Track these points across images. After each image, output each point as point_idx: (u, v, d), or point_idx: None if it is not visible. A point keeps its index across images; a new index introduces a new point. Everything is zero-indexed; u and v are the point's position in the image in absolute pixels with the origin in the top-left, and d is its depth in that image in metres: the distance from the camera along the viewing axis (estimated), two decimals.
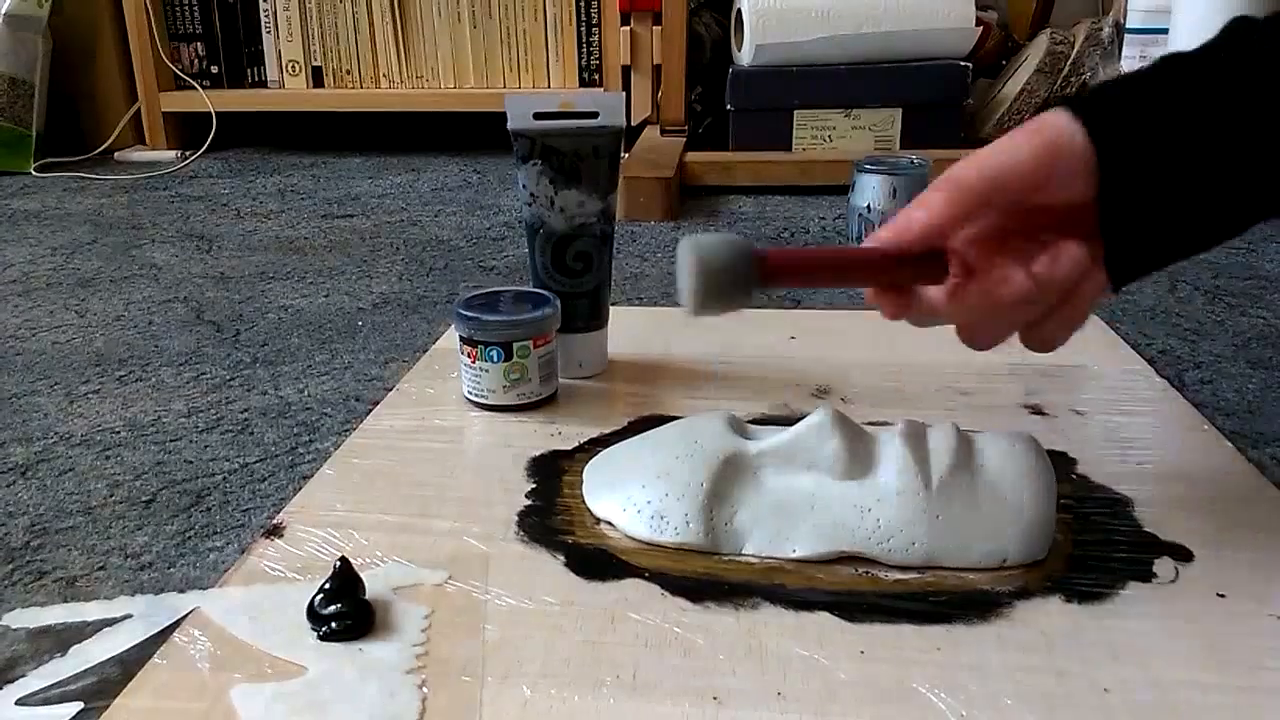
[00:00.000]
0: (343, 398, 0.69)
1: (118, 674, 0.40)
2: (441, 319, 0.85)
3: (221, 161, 1.67)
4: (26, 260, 1.08)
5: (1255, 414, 0.64)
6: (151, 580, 0.48)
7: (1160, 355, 0.74)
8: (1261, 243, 1.05)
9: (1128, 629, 0.42)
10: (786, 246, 0.57)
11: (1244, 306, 0.86)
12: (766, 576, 0.46)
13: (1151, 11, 1.32)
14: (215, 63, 1.73)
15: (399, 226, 1.21)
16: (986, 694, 0.38)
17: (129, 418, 0.67)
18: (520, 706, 0.38)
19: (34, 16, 1.58)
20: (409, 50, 1.69)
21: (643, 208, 1.21)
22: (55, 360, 0.78)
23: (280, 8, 1.70)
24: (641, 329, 0.78)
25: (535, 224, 0.67)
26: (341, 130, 1.89)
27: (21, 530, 0.53)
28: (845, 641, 0.41)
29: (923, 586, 0.45)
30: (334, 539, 0.50)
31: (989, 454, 0.48)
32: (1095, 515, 0.51)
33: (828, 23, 1.30)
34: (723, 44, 1.46)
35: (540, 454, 0.58)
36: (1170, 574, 0.46)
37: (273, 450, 0.62)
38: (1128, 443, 0.58)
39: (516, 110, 0.64)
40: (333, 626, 0.42)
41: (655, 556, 0.48)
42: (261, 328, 0.84)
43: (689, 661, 0.40)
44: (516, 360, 0.63)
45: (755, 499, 0.48)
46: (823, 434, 0.48)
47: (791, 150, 1.36)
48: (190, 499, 0.56)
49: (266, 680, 0.40)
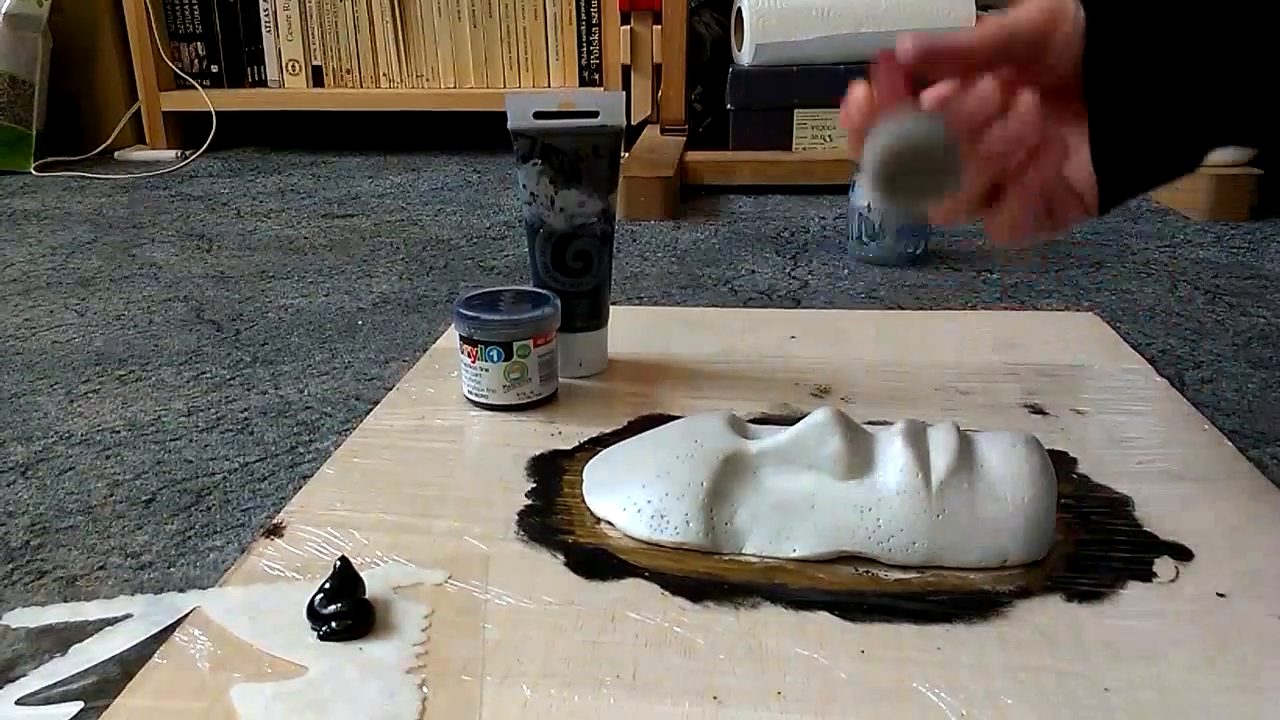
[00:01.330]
0: (343, 397, 0.69)
1: (118, 673, 0.40)
2: (441, 318, 0.85)
3: (221, 161, 1.67)
4: (26, 259, 1.08)
5: (1255, 413, 0.64)
6: (152, 580, 0.48)
7: (1160, 355, 0.74)
8: (1262, 242, 1.05)
9: (1128, 628, 0.42)
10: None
11: (1244, 306, 0.86)
12: (767, 576, 0.46)
13: None
14: (215, 62, 1.73)
15: (399, 226, 1.21)
16: (987, 693, 0.38)
17: (129, 417, 0.67)
18: (520, 706, 0.38)
19: (34, 15, 1.58)
20: (409, 49, 1.69)
21: (643, 207, 1.21)
22: (55, 359, 0.78)
23: (280, 7, 1.70)
24: (641, 329, 0.78)
25: (535, 223, 0.67)
26: (341, 130, 1.89)
27: (22, 530, 0.53)
28: (845, 641, 0.41)
29: (923, 586, 0.45)
30: (334, 538, 0.50)
31: (989, 454, 0.48)
32: (1095, 515, 0.51)
33: (828, 22, 1.30)
34: (723, 43, 1.46)
35: (540, 453, 0.58)
36: (1170, 573, 0.46)
37: (273, 450, 0.62)
38: (1128, 442, 0.58)
39: (516, 109, 0.64)
40: (333, 626, 0.42)
41: (655, 556, 0.48)
42: (261, 327, 0.84)
43: (689, 661, 0.40)
44: (516, 360, 0.62)
45: (755, 498, 0.48)
46: (823, 434, 0.48)
47: (791, 150, 1.36)
48: (190, 498, 0.56)
49: (266, 680, 0.40)
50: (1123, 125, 0.47)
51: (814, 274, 0.97)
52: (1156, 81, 0.46)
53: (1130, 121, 0.46)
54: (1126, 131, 0.47)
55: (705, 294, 0.91)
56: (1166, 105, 0.46)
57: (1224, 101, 0.45)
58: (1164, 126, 0.46)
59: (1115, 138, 0.47)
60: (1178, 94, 0.46)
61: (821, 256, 1.03)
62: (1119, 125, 0.47)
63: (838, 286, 0.93)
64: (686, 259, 1.03)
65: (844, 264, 1.00)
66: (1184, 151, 0.47)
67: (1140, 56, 0.45)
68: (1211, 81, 0.45)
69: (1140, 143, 0.47)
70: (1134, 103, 0.46)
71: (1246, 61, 0.44)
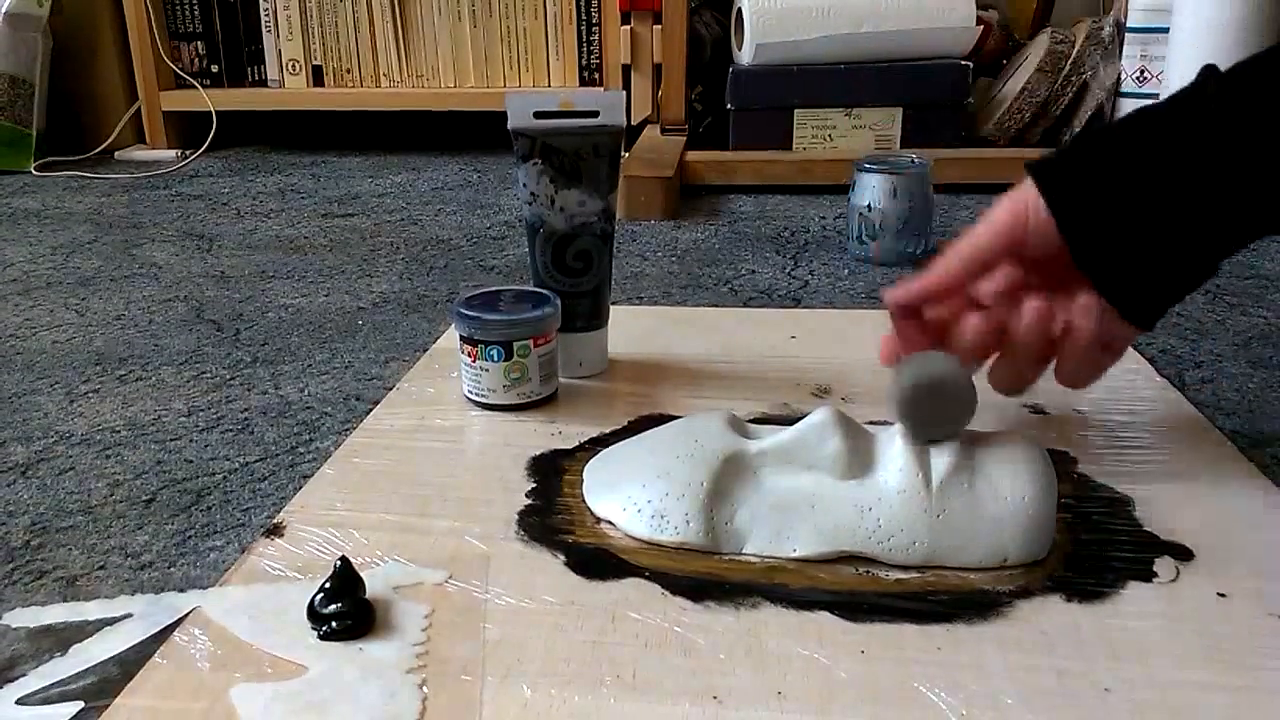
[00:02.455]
0: (343, 397, 0.69)
1: (118, 673, 0.40)
2: (442, 318, 0.85)
3: (221, 160, 1.67)
4: (27, 259, 1.08)
5: (1256, 413, 0.64)
6: (152, 579, 0.48)
7: (1161, 355, 0.74)
8: (1262, 242, 1.05)
9: (1128, 628, 0.42)
10: None
11: (1245, 306, 0.86)
12: (767, 576, 0.46)
13: (1152, 11, 1.32)
14: (215, 62, 1.73)
15: (399, 226, 1.21)
16: (987, 693, 0.38)
17: (129, 417, 0.67)
18: (520, 706, 0.38)
19: (34, 15, 1.59)
20: (409, 49, 1.69)
21: (643, 207, 1.21)
22: (55, 359, 0.78)
23: (280, 7, 1.70)
24: (641, 329, 0.78)
25: (535, 223, 0.67)
26: (341, 129, 1.89)
27: (22, 529, 0.53)
28: (846, 641, 0.41)
29: (923, 586, 0.45)
30: (334, 538, 0.50)
31: (989, 453, 0.48)
32: (1095, 515, 0.51)
33: (828, 22, 1.30)
34: (723, 43, 1.46)
35: (540, 453, 0.58)
36: (1171, 573, 0.46)
37: (273, 449, 0.62)
38: (1128, 442, 0.58)
39: (517, 109, 0.64)
40: (333, 626, 0.42)
41: (655, 556, 0.48)
42: (262, 327, 0.84)
43: (689, 661, 0.40)
44: (517, 360, 0.62)
45: (756, 498, 0.48)
46: (823, 433, 0.48)
47: (792, 150, 1.36)
48: (190, 498, 0.56)
49: (266, 680, 0.40)
50: (1126, 275, 0.50)
51: (814, 274, 0.97)
52: (1126, 212, 0.49)
53: (1130, 266, 0.50)
54: (1133, 279, 0.50)
55: (705, 294, 0.91)
56: (1153, 240, 0.49)
57: (1198, 220, 0.49)
58: (1161, 258, 0.50)
59: (1125, 287, 0.50)
60: (1149, 216, 0.49)
61: (821, 256, 1.03)
62: (1122, 275, 0.50)
63: (838, 286, 0.93)
64: (686, 259, 1.03)
65: (844, 264, 1.00)
66: (1191, 268, 0.51)
67: (1110, 206, 0.49)
68: (1182, 207, 0.48)
69: (1149, 282, 0.50)
70: (1114, 239, 0.50)
71: (1205, 177, 0.48)
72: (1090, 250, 0.49)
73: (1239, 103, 0.47)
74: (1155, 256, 0.49)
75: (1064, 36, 1.37)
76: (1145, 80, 1.34)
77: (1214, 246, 0.49)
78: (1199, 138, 0.47)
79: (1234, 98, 0.47)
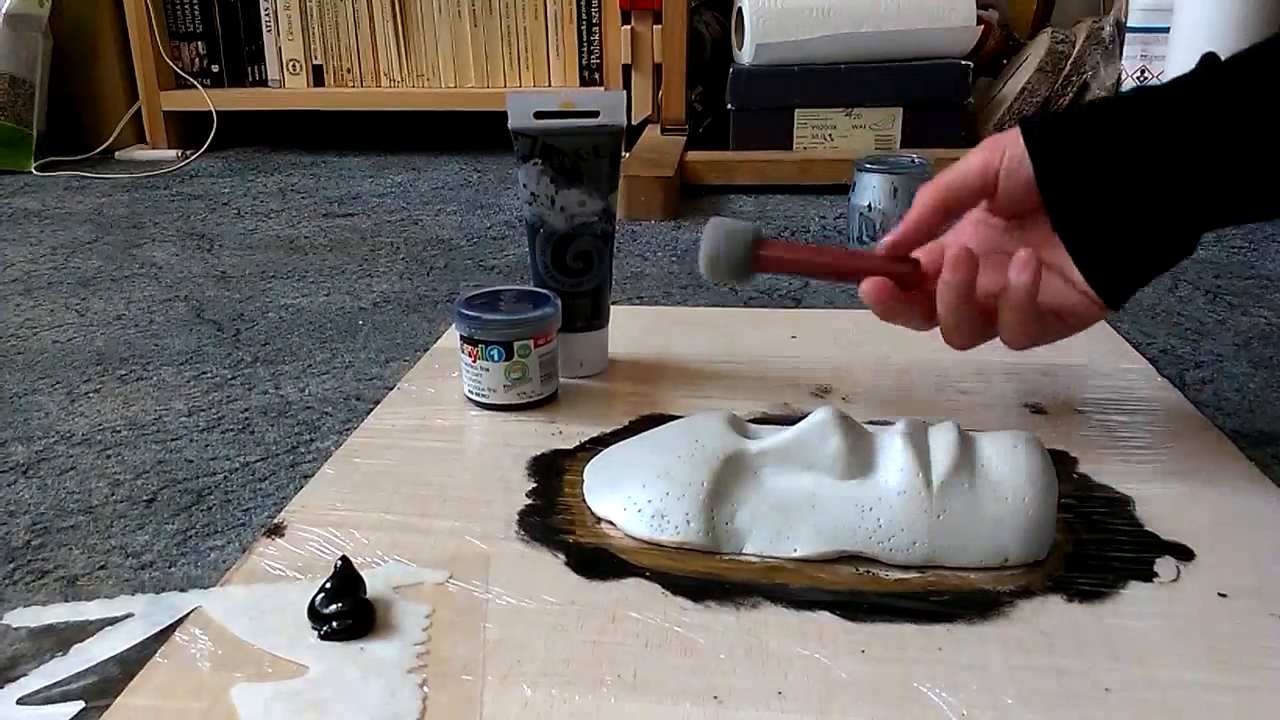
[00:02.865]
0: (343, 397, 0.69)
1: (118, 673, 0.40)
2: (442, 318, 0.85)
3: (222, 160, 1.67)
4: (27, 259, 1.08)
5: (1256, 413, 0.64)
6: (152, 579, 0.48)
7: (1161, 354, 0.74)
8: (1262, 242, 1.05)
9: (1129, 628, 0.42)
10: (793, 241, 0.62)
11: (1245, 306, 0.86)
12: (767, 576, 0.46)
13: (1152, 11, 1.32)
14: (216, 61, 1.73)
15: (399, 225, 1.21)
16: (987, 693, 0.38)
17: (130, 417, 0.67)
18: (521, 706, 0.38)
19: (34, 16, 1.59)
20: (409, 49, 1.69)
21: (643, 207, 1.21)
22: (56, 359, 0.78)
23: (281, 6, 1.70)
24: (641, 329, 0.78)
25: (536, 223, 0.67)
26: (342, 129, 1.89)
27: (23, 529, 0.53)
28: (846, 641, 0.41)
29: (924, 586, 0.45)
30: (335, 538, 0.50)
31: (990, 453, 0.48)
32: (1096, 514, 0.51)
33: (828, 21, 1.30)
34: (723, 43, 1.46)
35: (541, 453, 0.58)
36: (1171, 573, 0.46)
37: (273, 449, 0.62)
38: (1128, 442, 0.58)
39: (517, 109, 0.64)
40: (333, 626, 0.42)
41: (656, 556, 0.48)
42: (262, 327, 0.84)
43: (689, 661, 0.40)
44: (517, 359, 0.63)
45: (756, 498, 0.48)
46: (823, 433, 0.48)
47: (792, 149, 1.36)
48: (191, 498, 0.56)
49: (267, 679, 0.40)
50: (1093, 232, 0.50)
51: None
52: (1109, 181, 0.49)
53: (1098, 225, 0.51)
54: (1100, 238, 0.50)
55: (705, 294, 0.91)
56: (1123, 201, 0.49)
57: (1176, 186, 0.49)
58: (1130, 222, 0.50)
59: (1092, 244, 0.50)
60: (1132, 188, 0.49)
61: None
62: (1089, 231, 0.50)
63: (838, 286, 0.93)
64: (686, 259, 1.03)
65: None
66: (1163, 241, 0.51)
67: (1088, 161, 0.50)
68: (1162, 170, 0.48)
69: (1117, 243, 0.50)
70: (1094, 206, 0.50)
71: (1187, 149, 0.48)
72: (1064, 203, 0.50)
73: (1233, 84, 0.47)
74: (1130, 220, 0.49)
75: (1064, 36, 1.37)
76: (1145, 80, 1.35)
77: (1192, 220, 0.49)
78: (1189, 113, 0.48)
79: (1229, 80, 0.48)
